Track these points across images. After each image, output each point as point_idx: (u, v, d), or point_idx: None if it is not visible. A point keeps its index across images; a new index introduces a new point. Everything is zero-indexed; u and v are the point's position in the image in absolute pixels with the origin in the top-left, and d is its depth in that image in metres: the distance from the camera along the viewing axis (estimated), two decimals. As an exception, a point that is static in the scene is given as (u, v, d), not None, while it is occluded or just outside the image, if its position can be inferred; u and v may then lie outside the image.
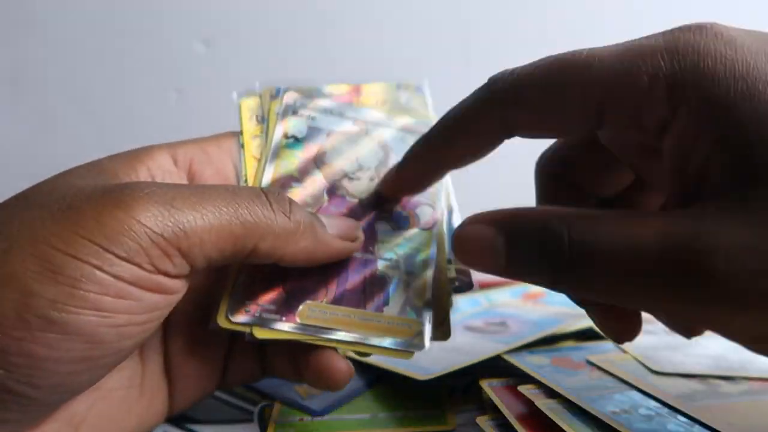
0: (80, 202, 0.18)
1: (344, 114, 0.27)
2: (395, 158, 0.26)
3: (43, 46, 0.44)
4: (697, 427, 0.24)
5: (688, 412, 0.25)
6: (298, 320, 0.23)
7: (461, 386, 0.30)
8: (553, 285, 0.19)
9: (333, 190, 0.25)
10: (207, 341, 0.25)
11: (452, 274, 0.25)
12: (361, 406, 0.28)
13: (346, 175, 0.26)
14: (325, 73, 0.43)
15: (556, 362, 0.29)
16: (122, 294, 0.18)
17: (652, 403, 0.26)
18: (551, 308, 0.37)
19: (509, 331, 0.33)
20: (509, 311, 0.37)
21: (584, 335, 0.34)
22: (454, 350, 0.31)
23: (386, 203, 0.25)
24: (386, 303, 0.24)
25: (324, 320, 0.23)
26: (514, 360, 0.29)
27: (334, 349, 0.24)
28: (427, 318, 0.24)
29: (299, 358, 0.24)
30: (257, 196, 0.21)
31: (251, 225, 0.20)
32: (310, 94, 0.27)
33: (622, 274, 0.17)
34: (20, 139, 0.44)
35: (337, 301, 0.23)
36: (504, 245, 0.19)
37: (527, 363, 0.29)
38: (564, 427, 0.24)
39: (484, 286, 0.44)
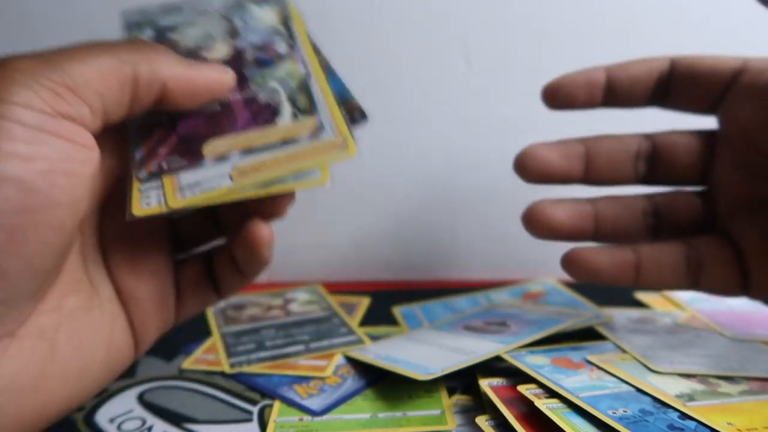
0: None
1: (182, 8, 0.30)
2: (239, 23, 0.29)
3: (43, 46, 0.44)
4: (697, 426, 0.24)
5: (688, 412, 0.25)
6: (205, 157, 0.25)
7: (461, 386, 0.30)
8: None
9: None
10: (149, 261, 0.26)
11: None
12: (361, 406, 0.28)
13: (201, 48, 0.28)
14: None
15: (556, 362, 0.29)
16: (33, 140, 0.20)
17: (652, 403, 0.26)
18: (551, 308, 0.37)
19: (509, 331, 0.33)
20: (509, 311, 0.37)
21: (584, 335, 0.34)
22: (454, 350, 0.31)
23: (246, 53, 0.28)
24: (277, 114, 0.26)
25: (226, 149, 0.25)
26: (514, 360, 0.29)
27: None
28: (324, 114, 0.26)
29: (235, 250, 0.27)
30: (119, 41, 0.23)
31: (126, 56, 0.22)
32: (145, 9, 0.30)
33: None
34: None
35: (236, 133, 0.26)
36: None
37: (527, 363, 0.29)
38: (564, 427, 0.24)
39: (485, 285, 0.44)
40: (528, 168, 0.32)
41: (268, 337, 0.35)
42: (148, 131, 0.26)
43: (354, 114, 0.28)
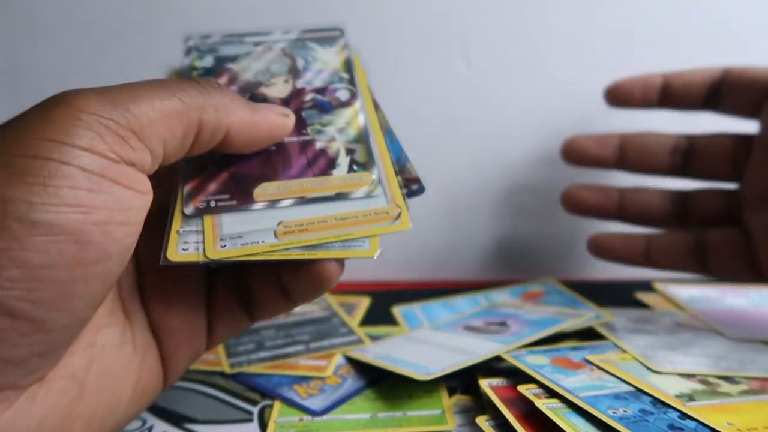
0: (21, 116, 0.19)
1: (243, 40, 0.29)
2: (301, 62, 0.29)
3: (43, 46, 0.44)
4: (697, 427, 0.24)
5: (688, 412, 0.25)
6: (255, 200, 0.24)
7: (461, 386, 0.30)
8: None
9: (253, 97, 0.27)
10: (182, 290, 0.25)
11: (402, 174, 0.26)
12: (361, 406, 0.28)
13: (261, 84, 0.27)
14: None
15: (556, 362, 0.29)
16: (95, 187, 0.18)
17: (652, 403, 0.26)
18: (551, 308, 0.37)
19: (509, 331, 0.33)
20: (509, 311, 0.37)
21: (584, 335, 0.34)
22: (454, 350, 0.31)
23: (306, 95, 0.27)
24: (333, 167, 0.25)
25: (278, 194, 0.24)
26: (514, 360, 0.29)
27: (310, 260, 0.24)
28: (376, 170, 0.25)
29: (286, 277, 0.24)
30: (186, 80, 0.22)
31: (190, 100, 0.21)
32: (207, 35, 0.30)
33: None
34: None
35: (289, 178, 0.25)
36: None
37: (527, 363, 0.29)
38: (564, 427, 0.24)
39: (485, 285, 0.44)
40: (567, 152, 0.40)
41: (268, 337, 0.35)
42: (199, 166, 0.25)
43: (411, 185, 0.26)
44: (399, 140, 0.27)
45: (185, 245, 0.23)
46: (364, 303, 0.41)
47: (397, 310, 0.40)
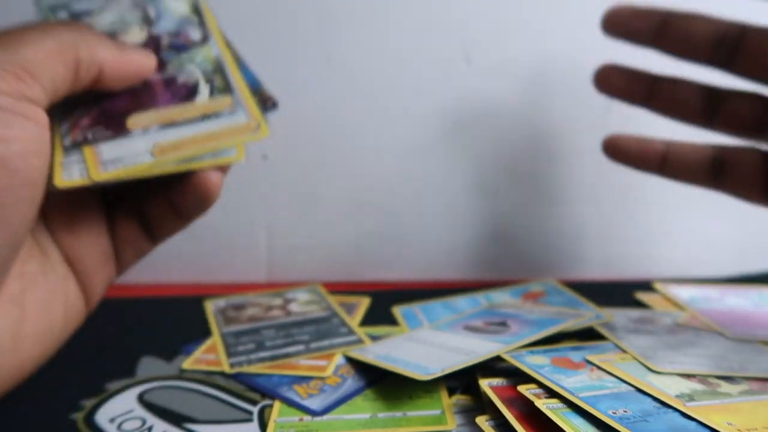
0: None
1: None
2: (152, 11, 0.31)
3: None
4: (697, 427, 0.24)
5: (688, 412, 0.25)
6: (129, 129, 0.27)
7: (461, 386, 0.30)
8: None
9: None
10: (83, 220, 0.28)
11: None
12: (361, 406, 0.28)
13: (117, 33, 0.30)
14: (325, 73, 0.43)
15: (556, 362, 0.29)
16: (8, 121, 0.22)
17: (652, 403, 0.26)
18: (551, 308, 0.37)
19: (509, 331, 0.33)
20: (509, 311, 0.37)
21: (584, 335, 0.34)
22: (454, 350, 0.31)
23: (162, 38, 0.30)
24: (195, 95, 0.28)
25: (149, 121, 0.27)
26: (514, 360, 0.29)
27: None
28: (238, 96, 0.29)
29: (174, 194, 0.28)
30: (59, 22, 0.26)
31: (68, 40, 0.24)
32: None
33: None
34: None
35: (158, 108, 0.28)
36: None
37: (527, 363, 0.29)
38: (564, 427, 0.24)
39: (485, 285, 0.44)
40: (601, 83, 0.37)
41: (268, 337, 0.35)
42: (71, 106, 0.27)
43: (266, 102, 0.29)
44: (250, 69, 0.30)
45: (70, 172, 0.25)
46: (364, 303, 0.41)
47: (397, 310, 0.40)
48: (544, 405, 0.25)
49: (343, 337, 0.35)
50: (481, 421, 0.26)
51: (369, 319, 0.39)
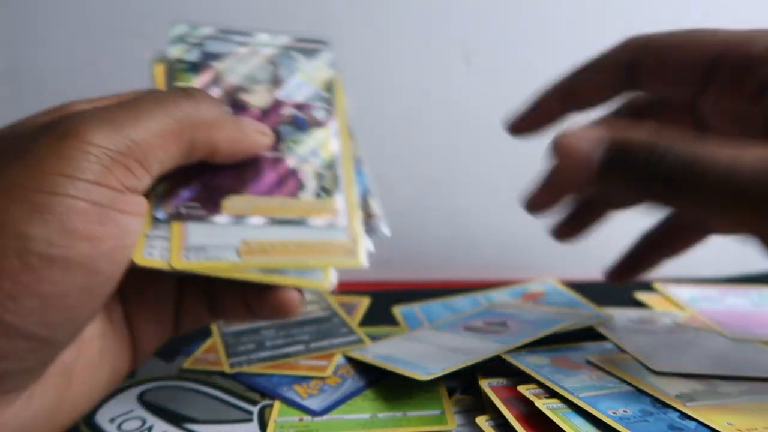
0: (32, 143, 0.20)
1: (230, 38, 0.29)
2: (285, 72, 0.29)
3: (43, 46, 0.44)
4: (697, 427, 0.24)
5: (688, 412, 0.25)
6: (222, 212, 0.24)
7: (461, 386, 0.30)
8: (643, 193, 0.22)
9: (234, 103, 0.27)
10: (156, 285, 0.26)
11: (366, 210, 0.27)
12: (361, 406, 0.28)
13: (243, 89, 0.27)
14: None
15: (556, 362, 0.29)
16: (103, 219, 0.20)
17: (652, 403, 0.26)
18: (551, 308, 0.37)
19: (509, 331, 0.33)
20: (509, 311, 0.37)
21: (584, 335, 0.34)
22: (454, 350, 0.31)
23: (285, 108, 0.28)
24: (301, 189, 0.26)
25: (246, 209, 0.25)
26: (514, 360, 0.29)
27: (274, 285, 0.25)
28: (340, 200, 0.26)
29: (250, 296, 0.25)
30: (179, 93, 0.23)
31: (184, 120, 0.22)
32: (196, 26, 0.30)
33: (717, 191, 0.20)
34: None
35: (258, 193, 0.25)
36: (604, 152, 0.22)
37: (527, 363, 0.29)
38: (564, 427, 0.24)
39: (485, 285, 0.44)
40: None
41: (268, 337, 0.35)
42: (174, 170, 0.24)
43: (371, 222, 0.26)
44: (366, 173, 0.28)
45: (151, 249, 0.23)
46: (364, 303, 0.41)
47: (397, 310, 0.40)
48: (544, 405, 0.25)
49: (343, 337, 0.35)
50: (481, 421, 0.26)
51: (369, 319, 0.39)
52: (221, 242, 0.24)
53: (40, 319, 0.19)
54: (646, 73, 0.27)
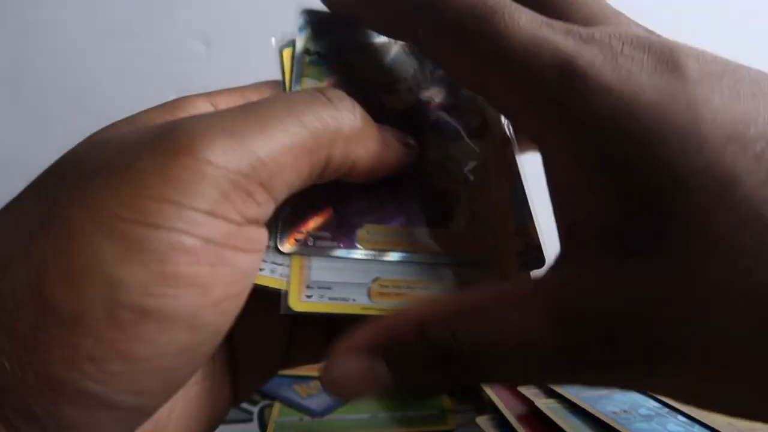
0: (133, 158, 0.15)
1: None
2: (429, 65, 0.23)
3: (43, 46, 0.44)
4: (697, 427, 0.24)
5: (688, 412, 0.25)
6: (358, 246, 0.20)
7: (461, 386, 0.30)
8: (450, 386, 0.18)
9: (369, 105, 0.21)
10: (268, 323, 0.22)
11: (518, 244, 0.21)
12: (361, 406, 0.28)
13: (380, 88, 0.22)
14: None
15: (556, 362, 0.29)
16: (216, 260, 0.15)
17: (652, 403, 0.26)
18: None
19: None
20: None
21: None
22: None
23: (431, 112, 0.22)
24: (450, 217, 0.20)
25: (385, 243, 0.20)
26: (514, 360, 0.29)
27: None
28: (495, 230, 0.21)
29: None
30: (315, 98, 0.18)
31: (321, 133, 0.17)
32: (326, 11, 0.23)
33: (520, 366, 0.16)
34: (20, 139, 0.44)
35: (396, 223, 0.20)
36: (387, 371, 0.17)
37: (527, 363, 0.29)
38: (564, 427, 0.24)
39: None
40: None
41: (268, 337, 0.35)
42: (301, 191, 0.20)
43: (528, 252, 0.21)
44: (525, 190, 0.22)
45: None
46: (364, 303, 0.41)
47: (397, 310, 0.40)
48: (544, 405, 0.25)
49: (343, 337, 0.35)
50: (482, 420, 0.26)
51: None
52: (351, 279, 0.20)
53: (128, 387, 0.15)
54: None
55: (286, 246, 0.19)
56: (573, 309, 0.15)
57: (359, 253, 0.20)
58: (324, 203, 0.20)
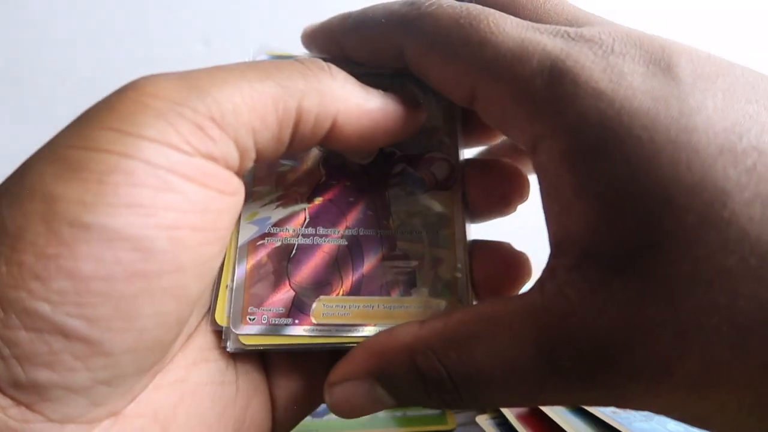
0: (90, 107, 0.16)
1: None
2: None
3: (43, 45, 0.44)
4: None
5: (687, 412, 0.25)
6: (313, 320, 0.19)
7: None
8: (449, 407, 0.17)
9: (328, 160, 0.21)
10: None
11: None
12: (361, 405, 0.28)
13: None
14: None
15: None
16: (160, 184, 0.15)
17: (652, 403, 0.26)
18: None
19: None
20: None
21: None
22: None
23: (395, 165, 0.21)
24: (413, 284, 0.20)
25: (343, 317, 0.19)
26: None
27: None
28: (465, 293, 0.20)
29: None
30: (285, 62, 0.17)
31: (287, 81, 0.17)
32: (288, 53, 0.23)
33: (511, 392, 0.16)
34: (20, 139, 0.44)
35: (355, 291, 0.20)
36: (386, 394, 0.17)
37: (527, 363, 0.29)
38: (564, 426, 0.24)
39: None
40: None
41: (268, 336, 0.35)
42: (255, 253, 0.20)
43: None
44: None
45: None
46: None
47: (397, 310, 0.40)
48: (544, 404, 0.25)
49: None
50: (482, 420, 0.26)
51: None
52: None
53: (78, 309, 0.14)
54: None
55: (242, 328, 0.19)
56: (557, 334, 0.15)
57: (314, 330, 0.19)
58: (281, 275, 0.19)
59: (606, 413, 0.24)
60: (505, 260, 0.21)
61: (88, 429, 0.16)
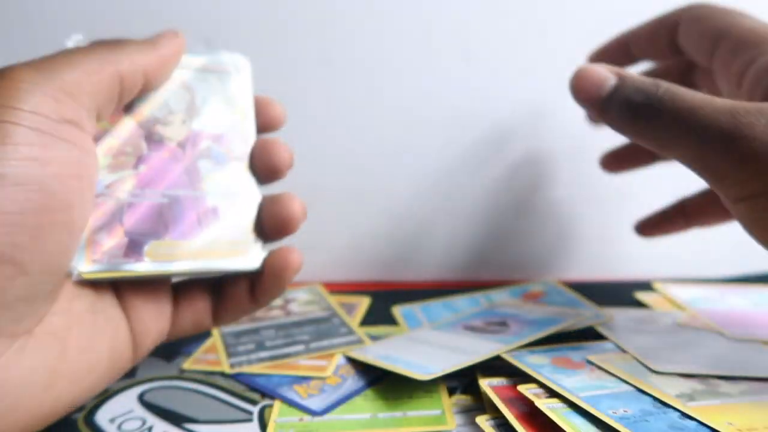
0: None
1: None
2: (200, 98, 0.28)
3: (43, 45, 0.44)
4: (697, 427, 0.24)
5: (688, 412, 0.25)
6: (147, 259, 0.26)
7: (461, 386, 0.30)
8: (636, 122, 0.27)
9: (149, 136, 0.27)
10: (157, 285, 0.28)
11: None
12: (361, 406, 0.28)
13: (158, 121, 0.27)
14: (326, 74, 0.43)
15: (556, 362, 0.29)
16: (46, 142, 0.21)
17: (652, 403, 0.26)
18: (551, 308, 0.37)
19: (509, 331, 0.33)
20: (509, 311, 0.37)
21: (584, 335, 0.34)
22: (454, 350, 0.31)
23: (202, 141, 0.28)
24: (222, 228, 0.27)
25: (170, 255, 0.26)
26: (514, 360, 0.29)
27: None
28: (255, 239, 0.28)
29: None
30: (100, 42, 0.25)
31: (107, 55, 0.24)
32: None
33: (691, 130, 0.25)
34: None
35: (178, 237, 0.27)
36: (613, 85, 0.28)
37: (527, 363, 0.29)
38: (564, 427, 0.24)
39: (485, 285, 0.44)
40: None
41: (268, 337, 0.35)
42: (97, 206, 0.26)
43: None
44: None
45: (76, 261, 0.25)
46: (364, 303, 0.41)
47: (397, 310, 0.40)
48: (544, 405, 0.25)
49: (343, 337, 0.35)
50: (482, 420, 0.26)
51: (369, 319, 0.39)
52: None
53: (4, 237, 0.20)
54: (679, 37, 0.33)
55: (83, 265, 0.25)
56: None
57: (145, 266, 0.26)
58: (115, 228, 0.26)
59: (606, 413, 0.24)
60: (279, 208, 0.29)
61: (10, 343, 0.22)
